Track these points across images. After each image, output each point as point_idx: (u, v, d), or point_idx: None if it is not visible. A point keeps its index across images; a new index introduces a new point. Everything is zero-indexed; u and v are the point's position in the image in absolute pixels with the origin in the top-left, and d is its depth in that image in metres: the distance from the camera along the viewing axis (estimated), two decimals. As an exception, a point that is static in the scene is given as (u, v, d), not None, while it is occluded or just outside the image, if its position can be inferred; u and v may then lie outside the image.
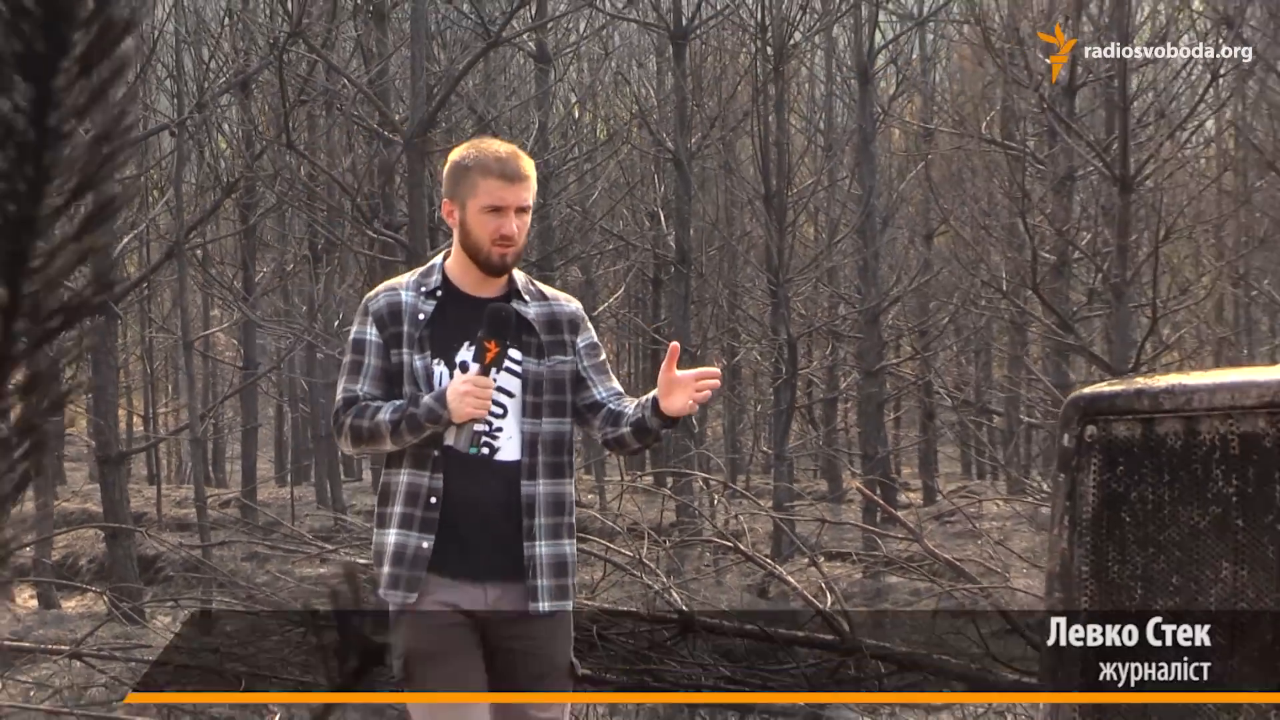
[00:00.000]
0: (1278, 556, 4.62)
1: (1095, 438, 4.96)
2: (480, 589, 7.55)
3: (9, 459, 1.18)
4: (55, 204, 1.16)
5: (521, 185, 7.61)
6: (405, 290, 7.75)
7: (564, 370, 7.63)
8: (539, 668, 7.72)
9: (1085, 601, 4.93)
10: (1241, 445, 4.69)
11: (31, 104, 1.15)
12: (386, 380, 7.61)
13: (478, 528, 7.54)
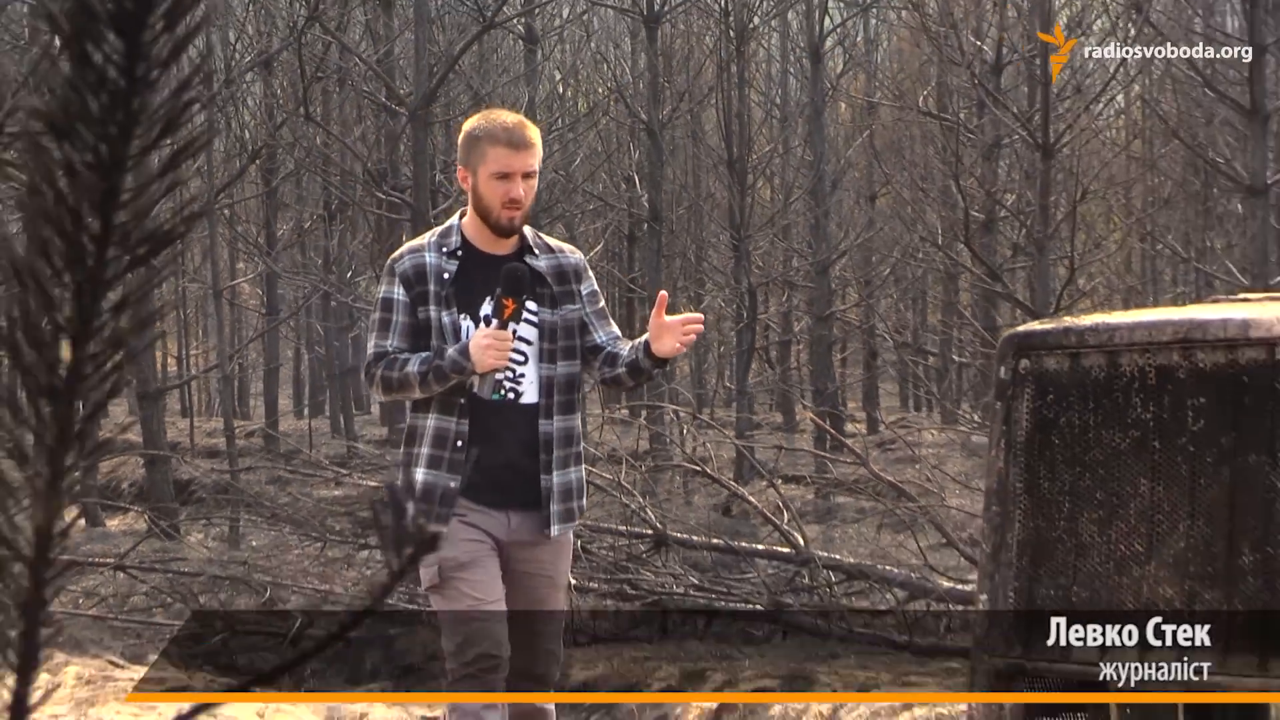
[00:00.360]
0: (1189, 474, 4.59)
1: (1028, 370, 4.94)
2: (504, 515, 7.60)
3: (101, 371, 1.17)
4: (142, 144, 1.15)
5: (527, 152, 7.60)
6: (428, 252, 7.72)
7: (574, 317, 7.63)
8: (544, 588, 7.83)
9: (1019, 514, 4.89)
10: (1157, 376, 4.67)
11: (122, 56, 1.14)
12: (413, 334, 7.58)
13: (501, 464, 7.55)
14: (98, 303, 1.18)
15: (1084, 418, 4.84)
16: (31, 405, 1.21)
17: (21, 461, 1.22)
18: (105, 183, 1.16)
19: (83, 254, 1.18)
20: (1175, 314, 4.94)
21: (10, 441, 1.21)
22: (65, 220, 1.16)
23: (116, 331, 1.19)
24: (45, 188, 1.17)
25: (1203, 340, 4.68)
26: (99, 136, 1.16)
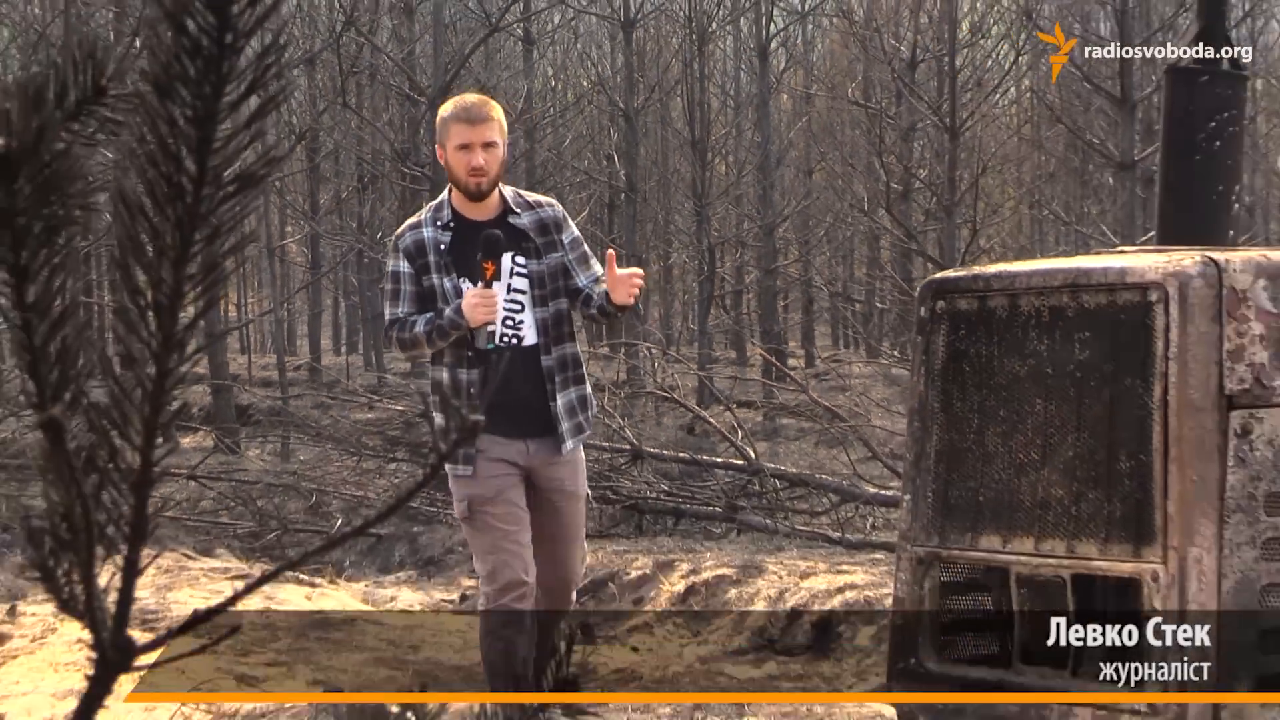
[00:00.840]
0: (1076, 395, 4.58)
1: (944, 310, 4.91)
2: (523, 443, 7.54)
3: (197, 290, 1.17)
4: (231, 100, 1.15)
5: (484, 126, 7.53)
6: (425, 227, 7.68)
7: (557, 263, 7.58)
8: (564, 500, 7.76)
9: (936, 429, 4.88)
10: (1050, 314, 4.66)
11: (214, 28, 1.14)
12: (419, 300, 7.55)
13: (514, 401, 7.49)
14: (194, 232, 1.18)
15: (989, 349, 4.81)
16: (140, 318, 1.21)
17: (130, 364, 1.22)
18: (200, 132, 1.16)
19: (182, 192, 1.18)
20: (1065, 263, 4.93)
21: (124, 348, 1.20)
22: (167, 164, 1.16)
23: (210, 256, 1.19)
24: (151, 137, 1.17)
25: (1088, 285, 4.66)
26: (195, 94, 1.16)
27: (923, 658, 4.86)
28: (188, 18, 1.09)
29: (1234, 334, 4.44)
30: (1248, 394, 4.43)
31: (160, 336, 1.15)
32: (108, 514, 1.19)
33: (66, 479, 1.15)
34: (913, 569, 4.95)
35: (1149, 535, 4.44)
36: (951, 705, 4.79)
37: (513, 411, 7.47)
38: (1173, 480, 4.41)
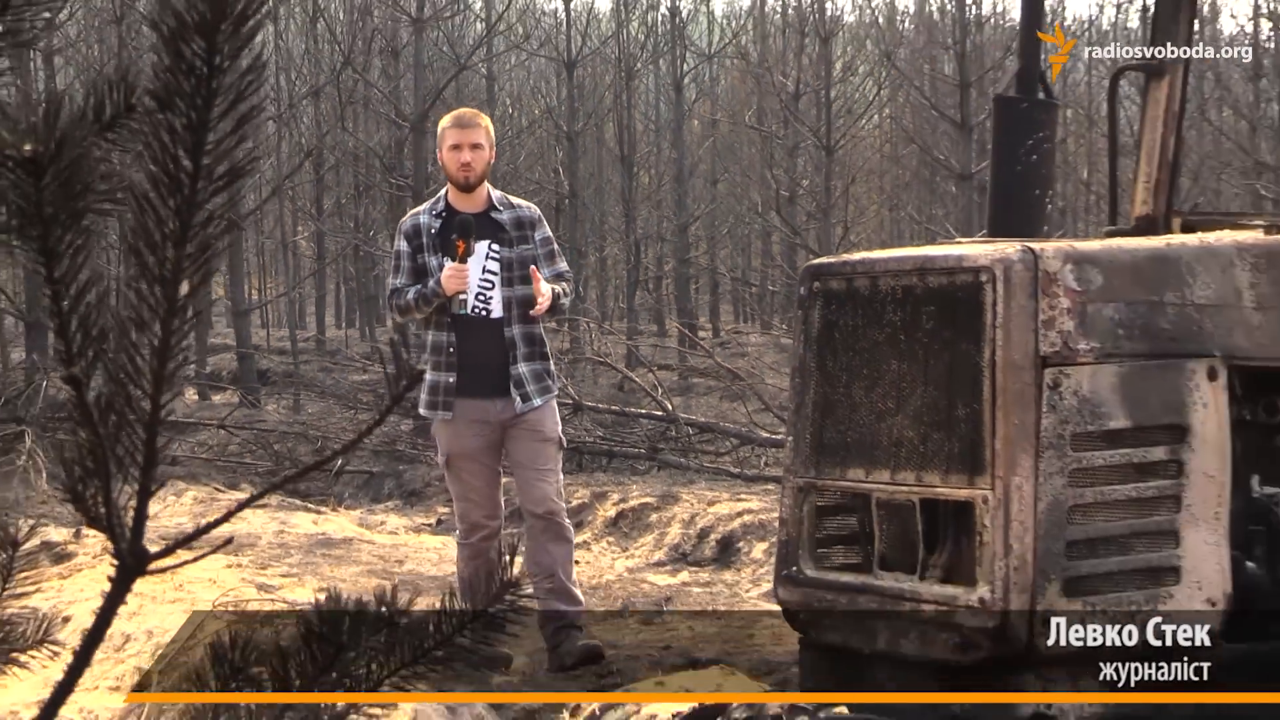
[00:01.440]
0: (924, 357, 4.57)
1: (819, 289, 4.89)
2: (491, 403, 7.58)
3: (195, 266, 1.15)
4: (219, 112, 1.13)
5: (472, 130, 7.74)
6: (422, 215, 7.81)
7: (528, 254, 7.63)
8: (536, 440, 7.72)
9: (813, 385, 4.86)
10: (903, 292, 4.65)
11: (204, 52, 1.11)
12: (414, 274, 7.60)
13: (482, 362, 7.57)
14: (191, 219, 1.17)
15: (855, 320, 4.79)
16: (148, 289, 1.19)
17: (141, 327, 1.20)
18: (194, 137, 1.14)
19: (180, 186, 1.16)
20: (915, 252, 4.92)
21: (135, 314, 1.18)
22: (168, 163, 1.14)
23: (204, 238, 1.17)
24: (154, 141, 1.15)
25: (932, 269, 4.66)
26: (189, 106, 1.15)
27: (802, 566, 4.85)
28: (183, 43, 1.08)
29: (1047, 308, 4.44)
30: (1057, 355, 4.44)
31: (165, 304, 1.13)
32: (125, 449, 1.18)
33: (89, 421, 1.14)
34: (794, 496, 4.94)
35: (981, 467, 4.44)
36: (824, 601, 4.79)
37: (481, 374, 7.56)
38: (999, 424, 4.41)
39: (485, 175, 7.76)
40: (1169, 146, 6.34)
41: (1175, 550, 4.58)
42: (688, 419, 16.80)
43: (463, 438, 7.58)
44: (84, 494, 1.21)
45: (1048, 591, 4.43)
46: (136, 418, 1.21)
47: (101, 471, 1.22)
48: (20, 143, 1.11)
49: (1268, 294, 4.81)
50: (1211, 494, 4.62)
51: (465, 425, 7.57)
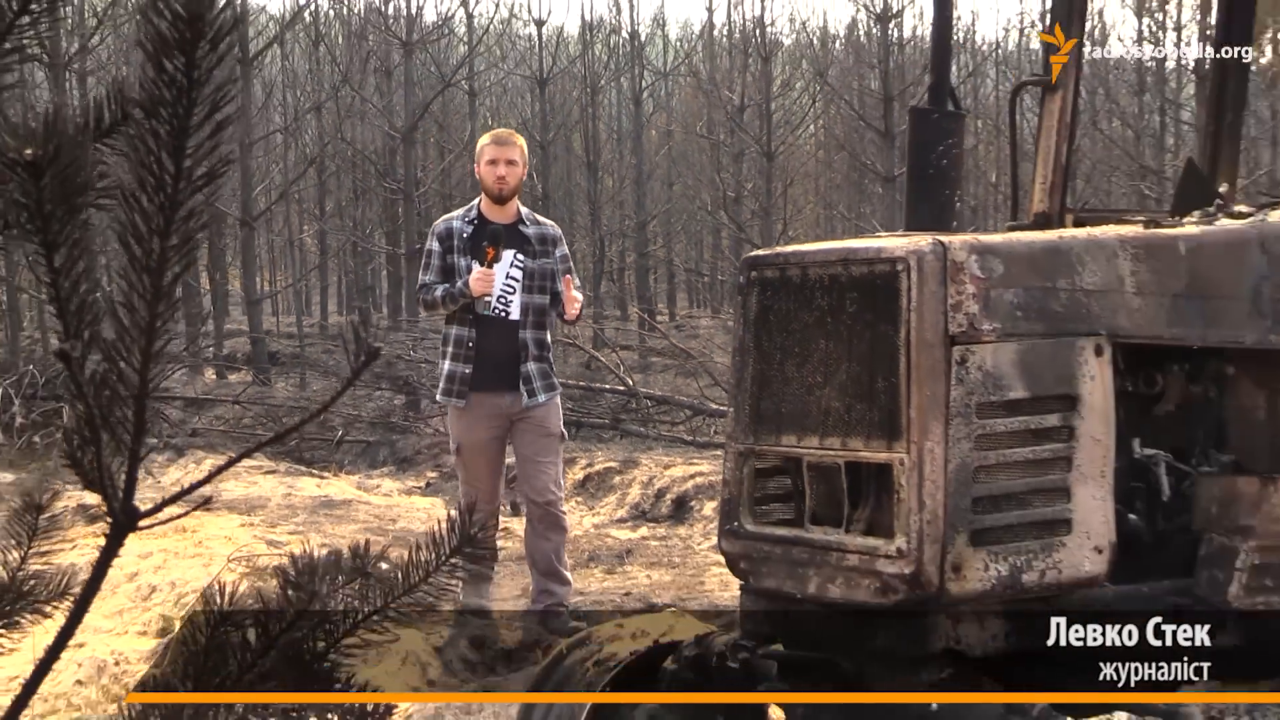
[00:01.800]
0: (848, 337, 4.57)
1: (756, 278, 4.89)
2: (501, 396, 7.67)
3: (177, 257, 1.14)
4: (198, 119, 1.12)
5: (508, 147, 7.89)
6: (455, 220, 7.86)
7: (548, 268, 7.72)
8: (540, 435, 7.82)
9: (752, 362, 4.84)
10: (830, 280, 4.65)
11: (184, 65, 1.10)
12: (443, 273, 7.67)
13: (498, 358, 7.64)
14: (174, 214, 1.15)
15: (787, 304, 4.79)
16: (137, 277, 1.18)
17: (130, 311, 1.19)
18: (176, 141, 1.13)
19: (164, 184, 1.15)
20: (840, 244, 4.92)
21: (125, 299, 1.17)
22: (153, 164, 1.13)
23: (186, 232, 1.16)
24: (141, 145, 1.14)
25: (855, 259, 4.66)
26: (171, 114, 1.14)
27: (743, 522, 4.85)
28: (165, 59, 1.07)
29: (955, 293, 4.44)
30: (964, 334, 4.44)
31: (151, 290, 1.12)
32: (116, 419, 1.17)
33: (84, 395, 1.14)
34: (735, 460, 4.94)
35: (898, 434, 4.44)
36: (762, 552, 4.78)
37: (495, 369, 7.66)
38: (913, 396, 4.41)
39: (518, 190, 7.85)
40: (1062, 152, 6.37)
41: (1067, 505, 4.59)
42: (647, 393, 16.83)
43: (475, 430, 7.67)
44: (81, 460, 1.20)
45: (956, 542, 4.44)
46: (127, 391, 1.20)
47: (95, 439, 1.21)
48: (22, 147, 1.09)
49: (1146, 280, 4.83)
50: (1098, 455, 4.64)
51: (477, 418, 7.66)
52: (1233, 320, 4.96)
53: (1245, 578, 4.81)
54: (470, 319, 7.63)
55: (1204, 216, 5.63)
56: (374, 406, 17.85)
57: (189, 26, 1.08)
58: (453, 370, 7.68)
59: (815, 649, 4.67)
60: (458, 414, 7.77)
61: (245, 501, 12.29)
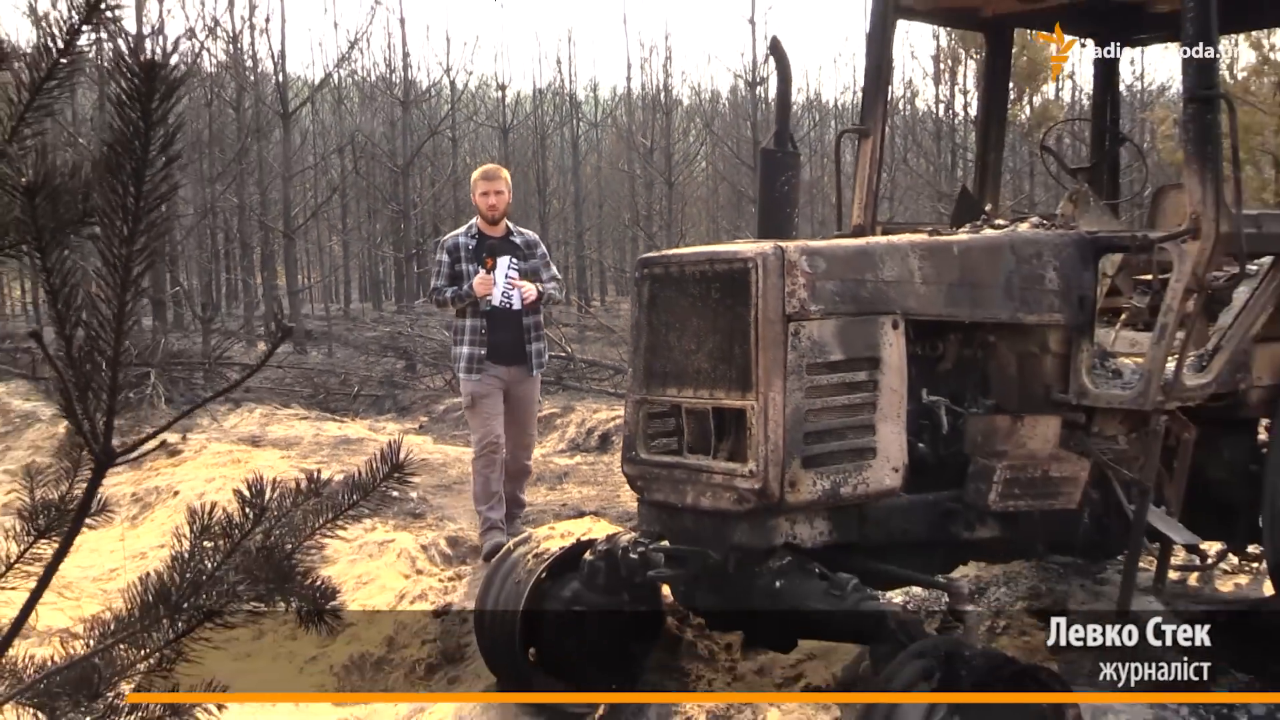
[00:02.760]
0: (712, 316, 4.54)
1: (648, 273, 4.85)
2: (507, 369, 7.43)
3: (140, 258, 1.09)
4: (154, 154, 1.07)
5: (495, 180, 7.65)
6: (460, 236, 7.57)
7: (534, 267, 7.54)
8: (529, 403, 7.68)
9: (644, 333, 4.78)
10: (700, 275, 4.62)
11: (142, 112, 1.05)
12: (451, 278, 7.42)
13: (505, 340, 7.41)
14: (138, 226, 1.10)
15: (670, 292, 4.75)
16: (110, 275, 1.12)
17: (107, 301, 1.13)
18: (136, 170, 1.08)
19: (127, 205, 1.09)
20: (709, 248, 4.88)
21: (103, 293, 1.12)
22: (118, 190, 1.08)
23: (146, 240, 1.11)
24: (109, 175, 1.08)
25: (719, 259, 4.63)
26: (130, 149, 1.08)
27: (639, 452, 4.83)
28: (127, 108, 1.02)
29: (790, 284, 4.43)
30: (797, 314, 4.43)
31: (120, 284, 1.08)
32: (98, 381, 1.13)
33: (74, 363, 1.09)
34: (633, 407, 4.91)
35: (749, 386, 4.43)
36: (653, 473, 4.76)
37: (504, 348, 7.41)
38: (761, 359, 4.40)
39: (506, 212, 7.66)
40: (873, 180, 6.37)
41: (872, 437, 4.60)
42: (582, 358, 16.76)
43: (485, 385, 7.46)
44: (74, 412, 1.15)
45: (792, 465, 4.44)
46: (104, 360, 1.15)
47: (82, 397, 1.16)
48: (19, 176, 1.04)
49: (930, 274, 4.84)
50: (895, 401, 4.65)
51: (488, 379, 7.47)
52: (992, 302, 4.98)
53: (1000, 488, 4.85)
54: (482, 311, 7.40)
55: (973, 228, 5.66)
56: (382, 369, 17.66)
57: (144, 83, 1.03)
58: (471, 353, 7.42)
59: (691, 544, 4.66)
60: (473, 383, 7.51)
61: (285, 440, 12.13)
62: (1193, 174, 5.02)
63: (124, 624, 1.42)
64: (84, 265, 1.10)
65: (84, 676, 1.45)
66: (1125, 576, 5.15)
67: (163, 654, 1.49)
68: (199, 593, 1.30)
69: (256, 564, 1.46)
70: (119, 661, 1.51)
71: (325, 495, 1.53)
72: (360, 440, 12.22)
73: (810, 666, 5.23)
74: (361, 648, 6.54)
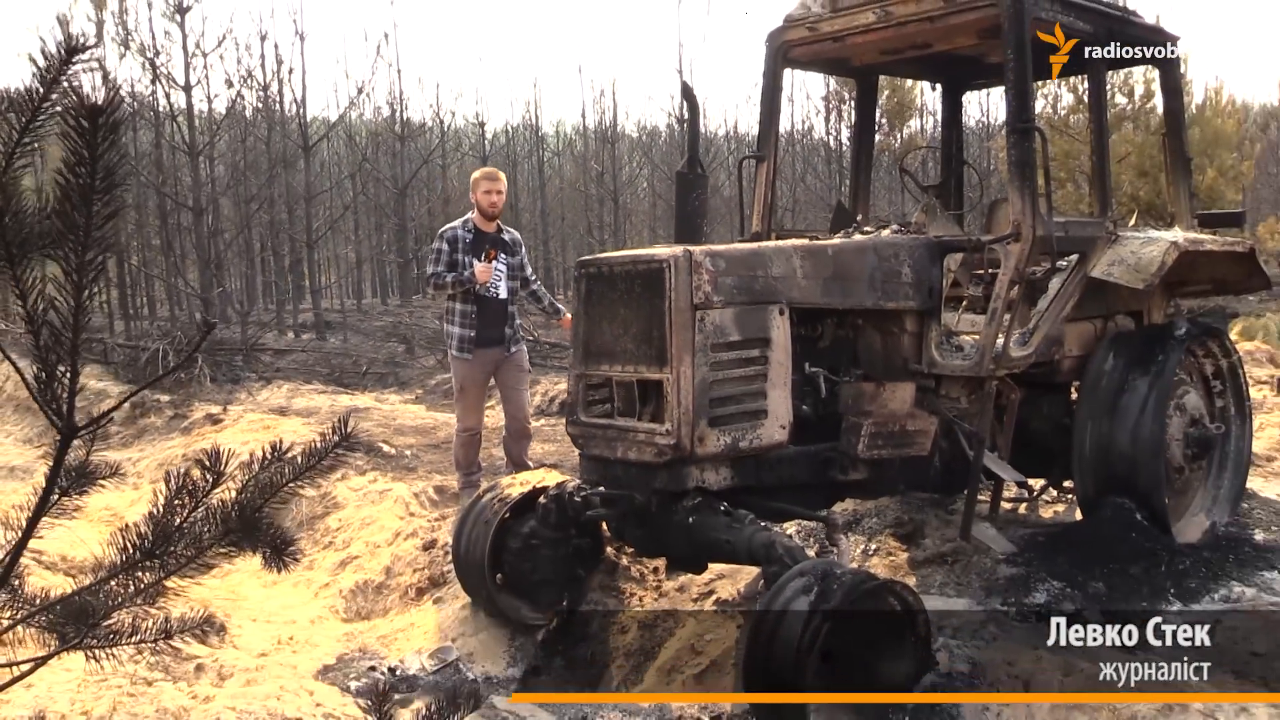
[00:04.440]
0: (637, 305, 4.48)
1: (584, 272, 4.79)
2: (493, 349, 7.01)
3: (92, 267, 1.04)
4: (100, 179, 1.02)
5: (497, 180, 7.12)
6: (458, 229, 7.04)
7: (518, 262, 7.15)
8: (519, 371, 7.20)
9: (584, 321, 4.70)
10: (625, 274, 4.57)
11: (88, 151, 1.00)
12: (449, 265, 6.90)
13: (491, 325, 6.98)
14: (90, 238, 1.05)
15: (602, 287, 4.70)
16: (67, 280, 1.08)
17: (65, 294, 1.08)
18: (85, 197, 1.03)
19: (75, 223, 1.04)
20: (632, 251, 4.84)
21: (61, 294, 1.07)
22: (71, 210, 1.03)
23: (96, 251, 1.05)
24: (65, 201, 1.03)
25: (641, 260, 4.58)
26: (79, 174, 1.03)
27: (579, 415, 4.80)
28: (75, 141, 0.98)
29: (697, 280, 4.40)
30: (703, 304, 4.41)
31: (75, 287, 1.03)
32: (61, 367, 1.08)
33: (41, 352, 1.04)
34: (575, 379, 4.87)
35: (665, 362, 4.40)
36: (591, 433, 4.73)
37: (490, 331, 6.98)
38: (674, 340, 4.37)
39: (501, 210, 7.27)
40: (768, 196, 6.35)
41: (764, 402, 4.59)
42: (546, 340, 16.66)
43: (474, 373, 7.02)
44: (44, 392, 1.10)
45: (700, 425, 4.42)
46: (65, 350, 1.10)
47: (49, 379, 1.11)
48: (5, 203, 1.00)
49: (809, 270, 4.83)
50: (782, 372, 4.64)
51: (476, 365, 7.02)
52: (859, 293, 4.98)
53: (867, 440, 4.86)
54: (472, 298, 6.94)
55: (845, 234, 5.66)
56: (386, 352, 17.46)
57: (89, 121, 0.98)
58: (462, 334, 6.98)
59: (621, 489, 4.64)
60: (464, 364, 7.04)
61: (306, 410, 11.97)
62: (1015, 190, 5.05)
63: (113, 567, 1.38)
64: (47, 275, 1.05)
65: (82, 608, 1.41)
66: (967, 507, 5.19)
67: (149, 591, 1.44)
68: (169, 542, 1.26)
69: (228, 517, 1.41)
70: (114, 597, 1.46)
71: (288, 460, 1.48)
72: (367, 409, 12.08)
73: (720, 584, 5.24)
74: (365, 575, 6.48)
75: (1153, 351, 5.44)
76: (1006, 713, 3.78)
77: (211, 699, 4.04)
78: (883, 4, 5.36)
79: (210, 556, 1.45)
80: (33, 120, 1.10)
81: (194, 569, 1.47)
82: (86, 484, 1.45)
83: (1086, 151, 9.74)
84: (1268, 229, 19.15)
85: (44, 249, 1.05)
